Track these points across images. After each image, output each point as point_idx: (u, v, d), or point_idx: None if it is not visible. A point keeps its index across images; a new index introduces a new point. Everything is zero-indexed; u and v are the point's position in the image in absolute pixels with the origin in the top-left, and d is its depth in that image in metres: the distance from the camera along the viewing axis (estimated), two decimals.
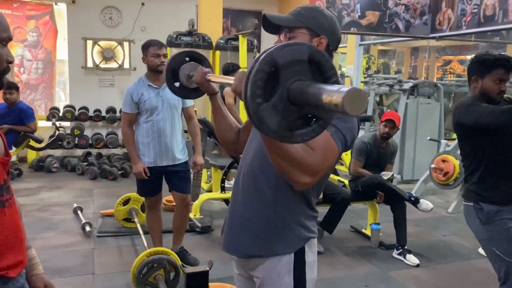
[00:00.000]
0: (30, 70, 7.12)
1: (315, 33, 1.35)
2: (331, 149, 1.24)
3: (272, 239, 1.35)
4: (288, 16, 1.38)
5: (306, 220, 1.38)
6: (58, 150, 6.89)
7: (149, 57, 3.04)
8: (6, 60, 1.11)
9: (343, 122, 1.27)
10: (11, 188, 1.20)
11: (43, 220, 4.39)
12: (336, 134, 1.24)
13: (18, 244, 1.18)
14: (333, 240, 4.04)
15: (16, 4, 6.91)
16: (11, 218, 1.15)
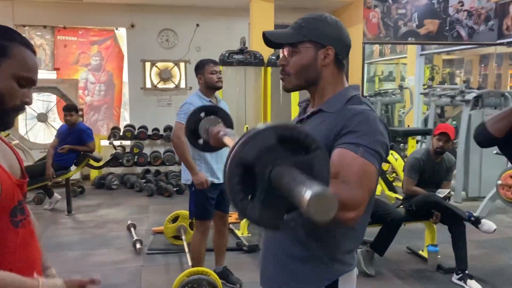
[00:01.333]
0: (93, 92, 7.54)
1: (320, 45, 1.26)
2: (367, 171, 1.12)
3: (303, 273, 1.27)
4: (289, 31, 1.30)
5: (343, 255, 1.28)
6: (119, 168, 7.19)
7: (206, 74, 3.09)
8: (21, 100, 1.12)
9: (368, 136, 1.15)
10: (27, 209, 1.21)
11: (98, 236, 4.56)
12: (366, 152, 1.13)
13: (32, 263, 1.19)
14: (387, 262, 3.81)
15: (81, 31, 7.38)
16: (24, 239, 1.17)
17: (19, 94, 1.11)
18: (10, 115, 1.13)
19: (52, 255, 4.02)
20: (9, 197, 1.10)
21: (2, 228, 1.10)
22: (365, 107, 1.24)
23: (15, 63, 1.09)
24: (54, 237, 4.54)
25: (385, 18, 7.09)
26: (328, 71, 1.28)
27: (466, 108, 5.85)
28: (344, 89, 1.30)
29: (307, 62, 1.26)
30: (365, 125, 1.17)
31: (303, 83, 1.30)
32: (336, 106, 1.26)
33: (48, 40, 7.32)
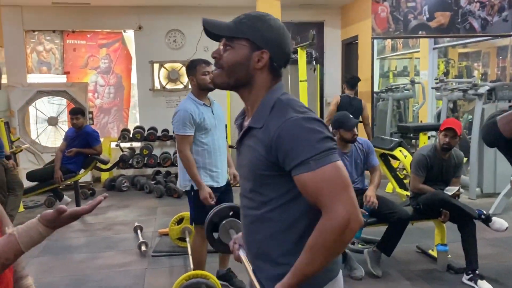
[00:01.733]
0: (103, 95, 7.59)
1: (256, 46, 1.20)
2: (331, 173, 1.08)
3: None
4: (229, 24, 1.23)
5: None
6: (129, 170, 7.21)
7: (198, 75, 3.01)
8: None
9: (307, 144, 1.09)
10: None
11: (105, 239, 4.57)
12: (317, 160, 1.07)
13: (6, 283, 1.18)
14: (395, 263, 3.71)
15: (89, 34, 7.43)
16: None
17: None
18: None
19: (58, 258, 4.05)
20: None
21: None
22: (287, 114, 1.14)
23: None
24: (62, 240, 4.56)
25: (395, 12, 6.94)
26: (261, 77, 1.22)
27: (479, 102, 5.68)
28: (264, 97, 1.22)
29: (239, 61, 1.21)
30: (294, 137, 1.10)
31: (233, 82, 1.24)
32: (261, 119, 1.19)
33: (57, 44, 7.39)
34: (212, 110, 3.04)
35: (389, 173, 5.17)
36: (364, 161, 3.57)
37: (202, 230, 3.09)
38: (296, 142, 1.09)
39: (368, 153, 3.57)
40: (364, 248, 3.76)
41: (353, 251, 3.84)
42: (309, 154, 1.08)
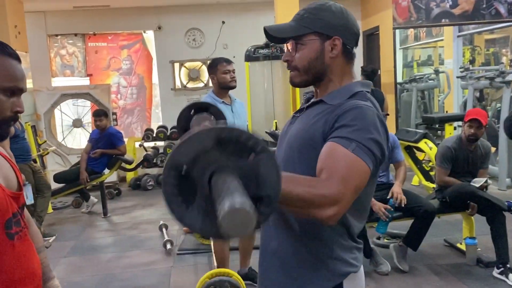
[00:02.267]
0: (126, 96, 7.69)
1: (325, 36, 1.18)
2: (356, 167, 1.04)
3: (303, 275, 1.20)
4: (291, 24, 1.22)
5: (343, 253, 1.19)
6: (154, 169, 7.29)
7: (219, 74, 3.04)
8: (12, 109, 1.12)
9: (363, 132, 1.07)
10: (24, 221, 1.21)
11: (131, 238, 4.64)
12: (359, 148, 1.04)
13: (29, 276, 1.18)
14: (422, 257, 3.63)
15: (110, 36, 7.54)
16: (20, 251, 1.16)
17: (8, 105, 1.10)
18: (2, 127, 1.12)
19: (86, 258, 4.13)
20: (3, 209, 1.09)
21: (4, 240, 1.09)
22: (367, 103, 1.15)
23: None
24: (90, 240, 4.66)
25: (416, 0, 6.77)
26: (336, 63, 1.21)
27: (507, 90, 5.50)
28: (350, 84, 1.22)
29: (314, 56, 1.19)
30: (362, 120, 1.09)
31: (311, 78, 1.22)
32: (337, 99, 1.18)
33: (79, 48, 7.52)
34: (232, 109, 3.05)
35: (415, 165, 5.08)
36: (389, 155, 3.50)
37: None
38: (358, 123, 1.08)
39: (393, 148, 3.49)
40: (390, 243, 3.70)
41: (379, 246, 3.78)
42: (358, 138, 1.06)
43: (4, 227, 1.10)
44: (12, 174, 1.21)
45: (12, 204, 1.14)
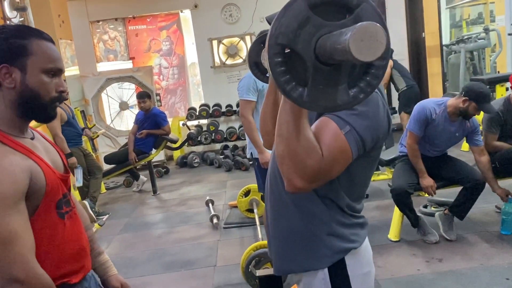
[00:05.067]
0: (168, 76, 7.83)
1: None
2: (342, 151, 1.01)
3: (301, 253, 1.19)
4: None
5: (341, 228, 1.17)
6: (199, 147, 7.47)
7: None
8: (56, 89, 1.17)
9: (362, 119, 1.03)
10: (73, 201, 1.30)
11: (180, 214, 4.80)
12: (350, 134, 1.02)
13: (79, 252, 1.28)
14: (472, 224, 3.53)
15: (149, 18, 7.65)
16: (71, 229, 1.25)
17: (52, 86, 1.16)
18: (51, 107, 1.18)
19: (138, 234, 4.34)
20: (54, 190, 1.17)
21: (50, 219, 1.18)
22: None
23: (38, 58, 1.12)
24: (141, 217, 4.87)
25: None
26: None
27: None
28: None
29: None
30: (363, 105, 1.03)
31: None
32: None
33: (121, 32, 7.70)
34: None
35: None
36: (461, 137, 3.29)
37: None
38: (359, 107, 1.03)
39: (474, 131, 3.23)
40: (436, 211, 3.61)
41: (426, 215, 3.70)
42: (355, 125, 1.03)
43: (56, 207, 1.18)
44: (59, 158, 1.29)
45: (62, 186, 1.22)
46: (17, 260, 1.04)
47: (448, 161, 3.38)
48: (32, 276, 1.05)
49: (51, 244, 1.18)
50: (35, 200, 1.12)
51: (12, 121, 1.14)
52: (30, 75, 1.11)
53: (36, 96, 1.13)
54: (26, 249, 1.06)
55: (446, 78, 7.46)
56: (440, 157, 3.37)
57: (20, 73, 1.10)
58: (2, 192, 1.03)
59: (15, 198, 1.05)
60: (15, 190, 1.05)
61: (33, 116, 1.17)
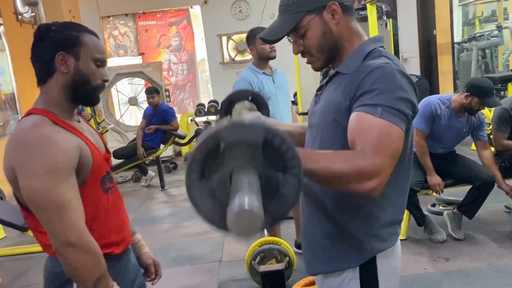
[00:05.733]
0: (177, 72, 7.85)
1: (320, 8, 1.11)
2: (388, 132, 0.99)
3: (335, 253, 1.18)
4: (283, 18, 1.14)
5: (380, 229, 1.15)
6: None
7: (258, 45, 3.00)
8: (101, 78, 1.30)
9: (387, 93, 1.01)
10: (114, 178, 1.42)
11: (187, 209, 4.82)
12: (385, 111, 0.99)
13: (121, 225, 1.39)
14: (480, 224, 3.49)
15: (159, 14, 7.67)
16: (113, 203, 1.36)
17: (98, 74, 1.29)
18: (96, 92, 1.32)
19: (146, 228, 4.36)
20: (99, 167, 1.29)
21: (95, 193, 1.29)
22: (383, 60, 1.08)
23: (89, 48, 1.27)
24: (149, 212, 4.90)
25: None
26: (343, 27, 1.14)
27: None
28: (360, 45, 1.15)
29: (321, 33, 1.13)
30: (382, 81, 1.03)
31: (329, 55, 1.16)
32: (352, 65, 1.12)
33: (131, 27, 7.73)
34: (273, 79, 3.02)
35: None
36: (468, 133, 3.28)
37: None
38: (380, 85, 1.02)
39: (479, 125, 3.24)
40: (445, 210, 3.58)
41: (434, 214, 3.67)
42: (383, 102, 1.01)
43: (101, 183, 1.30)
44: (100, 140, 1.41)
45: (105, 164, 1.34)
46: (70, 226, 1.15)
47: (456, 159, 3.35)
48: (83, 240, 1.16)
49: (97, 216, 1.29)
50: (83, 175, 1.24)
51: (62, 104, 1.27)
52: (82, 62, 1.25)
53: (86, 81, 1.27)
54: (77, 216, 1.17)
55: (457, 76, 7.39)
56: (448, 155, 3.33)
57: (74, 60, 1.24)
58: (57, 165, 1.14)
59: (68, 171, 1.17)
60: (68, 164, 1.17)
61: (80, 100, 1.31)
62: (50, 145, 1.15)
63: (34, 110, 1.25)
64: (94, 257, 1.18)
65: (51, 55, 1.23)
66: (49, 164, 1.13)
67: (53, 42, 1.23)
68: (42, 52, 1.25)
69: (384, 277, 1.17)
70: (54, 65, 1.24)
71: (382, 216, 1.15)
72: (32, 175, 1.14)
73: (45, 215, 1.15)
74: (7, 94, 6.16)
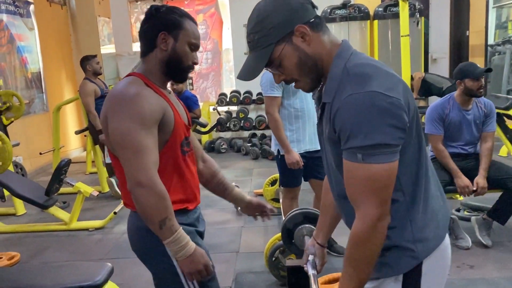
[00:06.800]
0: (201, 60, 7.82)
1: (286, 35, 1.06)
2: (373, 176, 1.00)
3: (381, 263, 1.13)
4: (254, 55, 1.10)
5: (420, 232, 1.12)
6: (227, 133, 7.45)
7: None
8: (192, 60, 1.47)
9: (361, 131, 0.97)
10: (191, 144, 1.58)
11: (205, 197, 4.70)
12: (366, 155, 0.98)
13: (195, 185, 1.56)
14: (509, 232, 3.37)
15: (186, 1, 7.63)
16: (190, 166, 1.54)
17: (190, 57, 1.46)
18: (185, 72, 1.49)
19: None
20: (179, 132, 1.46)
21: (175, 153, 1.46)
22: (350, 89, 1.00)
23: (188, 33, 1.43)
24: None
25: None
26: (316, 45, 1.08)
27: None
28: (333, 65, 1.08)
29: (296, 59, 1.08)
30: (353, 117, 0.98)
31: (313, 75, 1.11)
32: (331, 92, 1.06)
33: None
34: None
35: (504, 135, 4.66)
36: (482, 123, 3.21)
37: (291, 193, 3.10)
38: (351, 124, 0.99)
39: (488, 115, 3.19)
40: (470, 216, 3.47)
41: (459, 219, 3.56)
42: (359, 143, 0.98)
43: (180, 145, 1.48)
44: (185, 113, 1.58)
45: (185, 130, 1.52)
46: (142, 168, 1.30)
47: None
48: (152, 182, 1.30)
49: (175, 173, 1.46)
50: (165, 134, 1.41)
51: (157, 75, 1.45)
52: (179, 44, 1.42)
53: (179, 61, 1.44)
54: (150, 161, 1.31)
55: (488, 79, 7.18)
56: (474, 157, 3.21)
57: (173, 41, 1.42)
58: (142, 115, 1.32)
59: (150, 122, 1.34)
60: (151, 116, 1.34)
61: (171, 75, 1.48)
62: (138, 98, 1.34)
63: (132, 73, 1.46)
64: (161, 199, 1.31)
65: (156, 33, 1.41)
66: (134, 113, 1.31)
67: (159, 22, 1.41)
68: (149, 29, 1.43)
69: (427, 282, 1.13)
70: (156, 42, 1.42)
71: (416, 217, 1.12)
72: (119, 120, 1.32)
73: (123, 155, 1.32)
74: (34, 73, 6.22)
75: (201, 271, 1.42)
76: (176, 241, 1.34)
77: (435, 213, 1.15)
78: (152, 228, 1.33)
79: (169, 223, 1.32)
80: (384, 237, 1.04)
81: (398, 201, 1.08)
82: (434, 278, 1.14)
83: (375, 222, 1.01)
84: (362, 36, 6.41)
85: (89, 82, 4.78)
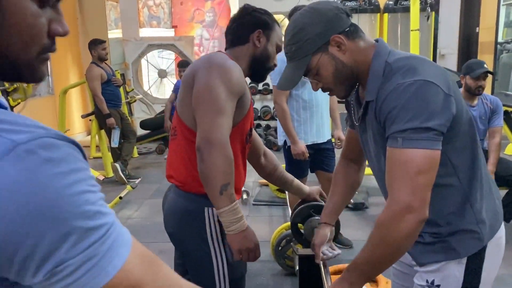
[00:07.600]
0: (208, 48, 7.78)
1: (324, 46, 1.11)
2: (412, 161, 0.98)
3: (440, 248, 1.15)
4: (292, 65, 1.16)
5: (481, 215, 1.13)
6: None
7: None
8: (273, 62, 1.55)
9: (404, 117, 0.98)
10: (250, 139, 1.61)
11: None
12: (405, 139, 0.99)
13: (244, 175, 1.59)
14: None
15: None
16: (244, 157, 1.57)
17: (275, 58, 1.56)
18: (267, 72, 1.57)
19: None
20: (249, 119, 1.52)
21: (240, 139, 1.48)
22: (395, 80, 1.03)
23: (277, 35, 1.54)
24: None
25: None
26: (352, 53, 1.11)
27: None
28: (373, 64, 1.11)
29: (333, 68, 1.13)
30: (398, 104, 1.00)
31: (349, 82, 1.16)
32: (373, 91, 1.09)
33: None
34: None
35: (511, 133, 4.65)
36: (488, 119, 3.20)
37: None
38: (395, 111, 1.00)
39: (495, 111, 3.19)
40: None
41: None
42: (402, 127, 0.99)
43: (247, 134, 1.52)
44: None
45: (252, 122, 1.57)
46: (218, 127, 1.29)
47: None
48: (223, 143, 1.29)
49: (237, 157, 1.44)
50: (240, 114, 1.43)
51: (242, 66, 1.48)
52: (270, 44, 1.51)
53: (267, 59, 1.52)
54: (227, 124, 1.32)
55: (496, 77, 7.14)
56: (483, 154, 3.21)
57: (265, 40, 1.51)
58: (232, 80, 1.35)
59: (234, 92, 1.37)
60: (237, 87, 1.37)
61: (255, 72, 1.54)
62: (232, 67, 1.38)
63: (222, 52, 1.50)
64: (228, 162, 1.28)
65: (251, 29, 1.48)
66: (226, 77, 1.34)
67: (256, 21, 1.49)
68: (243, 24, 1.50)
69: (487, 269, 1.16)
70: (249, 38, 1.49)
71: (475, 203, 1.13)
72: (210, 77, 1.34)
73: (203, 110, 1.32)
74: None
75: (252, 250, 1.39)
76: (234, 211, 1.29)
77: (493, 200, 1.18)
78: (210, 193, 1.28)
79: (230, 190, 1.28)
80: (412, 235, 1.00)
81: (453, 186, 1.10)
82: (492, 265, 1.16)
83: (403, 211, 0.98)
84: (371, 28, 6.36)
85: (96, 67, 4.75)
